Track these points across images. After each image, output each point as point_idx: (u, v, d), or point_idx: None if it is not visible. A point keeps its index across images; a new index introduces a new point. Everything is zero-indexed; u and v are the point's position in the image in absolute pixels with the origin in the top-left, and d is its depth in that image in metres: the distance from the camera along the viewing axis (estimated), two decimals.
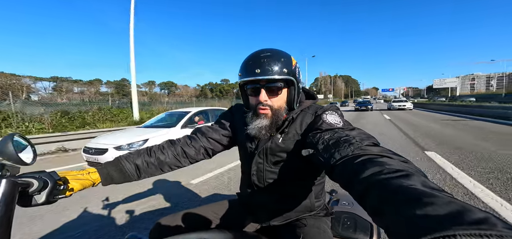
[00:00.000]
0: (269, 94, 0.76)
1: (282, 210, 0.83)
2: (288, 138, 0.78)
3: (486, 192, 2.53)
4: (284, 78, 0.74)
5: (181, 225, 0.83)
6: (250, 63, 0.75)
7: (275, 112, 0.77)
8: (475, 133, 6.55)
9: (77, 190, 0.69)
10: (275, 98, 0.77)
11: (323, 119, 0.70)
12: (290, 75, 0.75)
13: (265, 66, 0.72)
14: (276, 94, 0.77)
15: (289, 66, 0.75)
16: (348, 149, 0.53)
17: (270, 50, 0.77)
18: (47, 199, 0.58)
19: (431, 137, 6.13)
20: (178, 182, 3.28)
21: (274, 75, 0.73)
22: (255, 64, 0.74)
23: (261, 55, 0.75)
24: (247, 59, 0.78)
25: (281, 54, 0.77)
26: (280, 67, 0.73)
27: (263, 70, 0.72)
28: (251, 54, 0.78)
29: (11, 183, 0.48)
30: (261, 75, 0.72)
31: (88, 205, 2.58)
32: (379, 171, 0.41)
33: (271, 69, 0.72)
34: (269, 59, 0.74)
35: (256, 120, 0.78)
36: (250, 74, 0.74)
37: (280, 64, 0.74)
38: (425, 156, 4.22)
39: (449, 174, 3.15)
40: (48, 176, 0.59)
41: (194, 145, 0.92)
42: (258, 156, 0.82)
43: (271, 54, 0.75)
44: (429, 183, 0.36)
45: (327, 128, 0.66)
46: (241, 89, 0.84)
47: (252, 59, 0.76)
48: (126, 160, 0.82)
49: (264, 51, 0.76)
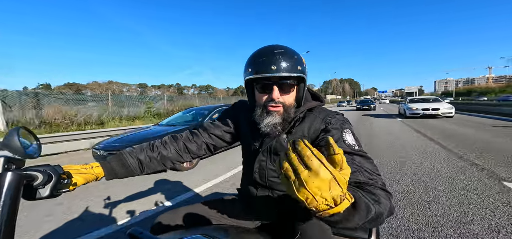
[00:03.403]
0: (281, 91, 0.75)
1: (283, 208, 0.83)
2: (293, 139, 0.77)
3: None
4: (298, 76, 0.73)
5: (182, 221, 0.83)
6: (263, 59, 0.72)
7: (286, 109, 0.76)
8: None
9: (81, 184, 0.69)
10: (287, 95, 0.76)
11: (343, 138, 0.68)
12: (303, 73, 0.74)
13: (280, 63, 0.70)
14: (288, 92, 0.76)
15: (301, 63, 0.74)
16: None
17: (282, 46, 0.75)
18: (51, 192, 0.59)
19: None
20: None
21: (290, 73, 0.71)
22: (269, 61, 0.71)
23: (275, 51, 0.72)
24: (259, 54, 0.74)
25: (293, 51, 0.75)
26: (294, 65, 0.72)
27: (278, 67, 0.70)
28: (262, 50, 0.75)
29: (16, 176, 0.48)
30: (277, 72, 0.70)
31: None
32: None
33: (286, 66, 0.70)
34: (283, 56, 0.71)
35: (268, 118, 0.75)
36: (264, 71, 0.71)
37: (293, 62, 0.72)
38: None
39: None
40: (52, 170, 0.60)
41: (196, 141, 0.92)
42: (262, 154, 0.82)
43: (284, 50, 0.73)
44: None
45: (347, 150, 0.64)
46: (247, 85, 0.80)
47: (265, 55, 0.73)
48: (129, 155, 0.82)
49: (277, 48, 0.74)
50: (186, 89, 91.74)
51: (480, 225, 1.89)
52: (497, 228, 1.84)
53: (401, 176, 3.13)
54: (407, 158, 4.05)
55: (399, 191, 2.63)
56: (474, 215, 2.05)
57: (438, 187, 2.71)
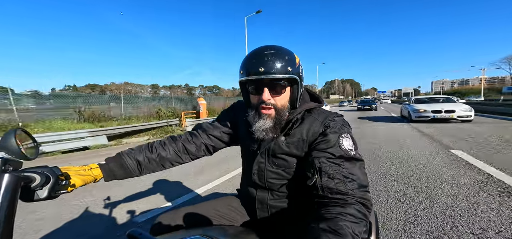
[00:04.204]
0: (272, 92, 0.73)
1: (282, 208, 0.83)
2: (292, 142, 0.76)
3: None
4: (288, 77, 0.71)
5: (182, 221, 0.83)
6: (253, 61, 0.71)
7: (278, 111, 0.75)
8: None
9: (79, 185, 0.69)
10: (278, 97, 0.74)
11: (339, 143, 0.69)
12: (294, 74, 0.72)
13: (269, 64, 0.69)
14: (280, 93, 0.74)
15: (293, 64, 0.72)
16: (342, 187, 0.62)
17: (273, 47, 0.74)
18: (49, 194, 0.59)
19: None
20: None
21: (278, 74, 0.69)
22: (258, 62, 0.70)
23: (265, 52, 0.71)
24: (250, 56, 0.74)
25: (285, 51, 0.74)
26: (284, 66, 0.70)
27: (267, 69, 0.69)
28: (254, 51, 0.75)
29: (14, 177, 0.48)
30: (265, 73, 0.69)
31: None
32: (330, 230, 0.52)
33: (275, 67, 0.69)
34: (273, 57, 0.70)
35: (259, 121, 0.75)
36: (253, 72, 0.70)
37: (284, 62, 0.70)
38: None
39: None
40: (50, 171, 0.59)
41: (195, 142, 0.92)
42: (260, 156, 0.82)
43: (274, 51, 0.72)
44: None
45: (340, 154, 0.67)
46: (241, 87, 0.80)
47: (255, 56, 0.72)
48: (128, 156, 0.82)
49: (267, 48, 0.73)
50: (193, 90, 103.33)
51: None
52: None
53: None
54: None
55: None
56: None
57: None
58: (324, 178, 0.63)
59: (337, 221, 0.53)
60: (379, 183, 2.88)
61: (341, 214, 0.55)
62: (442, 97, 11.10)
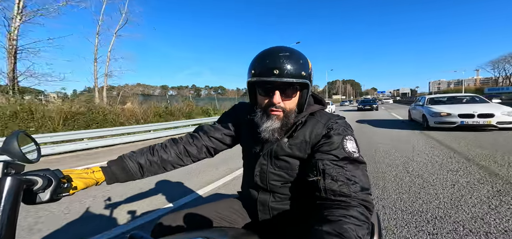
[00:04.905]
0: (283, 96, 0.71)
1: (284, 210, 0.83)
2: (295, 144, 0.76)
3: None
4: (301, 82, 0.69)
5: (183, 223, 0.83)
6: (266, 61, 0.69)
7: (286, 114, 0.73)
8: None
9: (81, 188, 0.69)
10: (288, 100, 0.73)
11: (343, 145, 0.69)
12: (307, 79, 0.70)
13: (284, 67, 0.67)
14: (290, 97, 0.73)
15: (306, 69, 0.71)
16: (345, 189, 0.62)
17: (288, 49, 0.71)
18: (51, 197, 0.59)
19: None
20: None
21: (293, 78, 0.67)
22: (273, 64, 0.67)
23: (280, 54, 0.69)
24: (262, 56, 0.71)
25: (300, 55, 0.72)
26: (298, 70, 0.68)
27: (282, 72, 0.67)
28: (267, 51, 0.72)
29: (16, 181, 0.48)
30: (279, 76, 0.67)
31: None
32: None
33: (290, 71, 0.67)
34: (287, 59, 0.68)
35: (267, 122, 0.73)
36: (267, 74, 0.68)
37: (298, 66, 0.69)
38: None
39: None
40: (52, 174, 0.60)
41: (196, 144, 0.92)
42: (263, 158, 0.81)
43: (290, 54, 0.69)
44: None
45: (344, 156, 0.67)
46: (249, 86, 0.77)
47: (269, 57, 0.69)
48: (130, 159, 0.82)
49: (282, 50, 0.70)
50: (200, 91, 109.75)
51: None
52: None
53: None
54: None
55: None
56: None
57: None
58: (327, 180, 0.63)
59: (341, 224, 0.53)
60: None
61: (344, 216, 0.55)
62: (466, 96, 8.24)
